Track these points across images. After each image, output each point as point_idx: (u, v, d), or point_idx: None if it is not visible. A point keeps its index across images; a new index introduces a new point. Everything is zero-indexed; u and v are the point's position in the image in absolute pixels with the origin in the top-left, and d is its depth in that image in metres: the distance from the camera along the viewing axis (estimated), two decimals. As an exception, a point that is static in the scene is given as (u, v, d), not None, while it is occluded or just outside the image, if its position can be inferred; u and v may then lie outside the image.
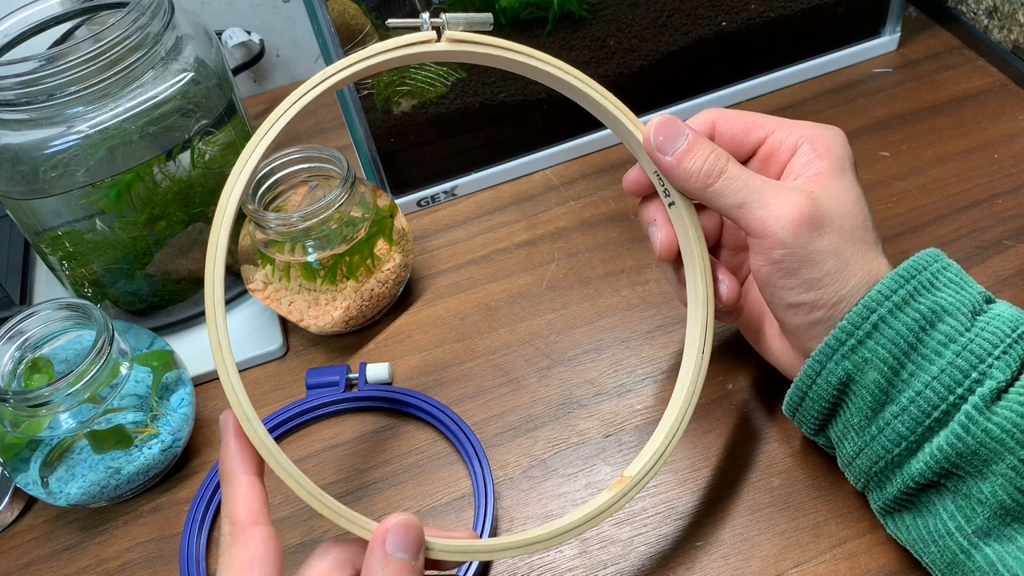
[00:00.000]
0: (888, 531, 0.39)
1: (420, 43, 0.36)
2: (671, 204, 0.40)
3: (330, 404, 0.49)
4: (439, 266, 0.57)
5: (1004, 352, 0.34)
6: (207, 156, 0.50)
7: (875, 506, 0.39)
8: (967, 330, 0.35)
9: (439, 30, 0.36)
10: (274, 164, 0.50)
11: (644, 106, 0.62)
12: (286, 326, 0.54)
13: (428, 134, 0.58)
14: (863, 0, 0.63)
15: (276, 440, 0.49)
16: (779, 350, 0.41)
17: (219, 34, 0.70)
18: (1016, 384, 0.34)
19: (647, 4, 0.58)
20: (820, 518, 0.41)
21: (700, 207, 0.41)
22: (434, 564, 0.34)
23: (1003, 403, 0.34)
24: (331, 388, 0.50)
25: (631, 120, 0.39)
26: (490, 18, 0.37)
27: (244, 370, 0.53)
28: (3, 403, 0.41)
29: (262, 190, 0.50)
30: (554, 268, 0.55)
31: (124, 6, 0.47)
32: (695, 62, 0.61)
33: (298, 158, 0.50)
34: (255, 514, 0.32)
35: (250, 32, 0.71)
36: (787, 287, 0.37)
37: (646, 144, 0.39)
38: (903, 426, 0.35)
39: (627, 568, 0.41)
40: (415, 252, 0.58)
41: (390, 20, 0.37)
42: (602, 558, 0.41)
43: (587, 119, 0.41)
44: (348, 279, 0.50)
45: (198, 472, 0.48)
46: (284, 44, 0.74)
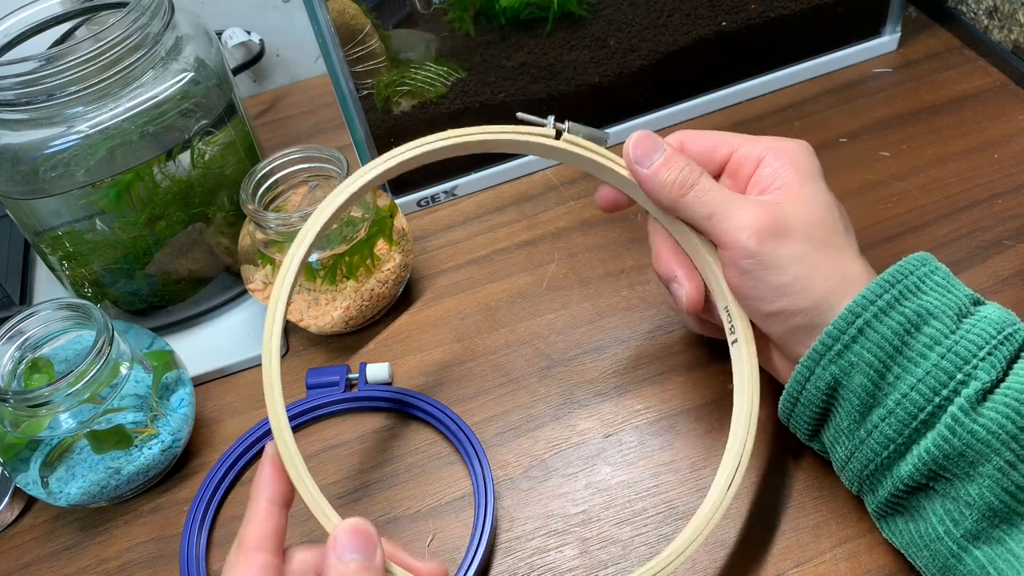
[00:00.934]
0: (883, 535, 0.39)
1: (541, 136, 0.41)
2: (734, 341, 0.41)
3: (330, 404, 0.49)
4: (439, 266, 0.57)
5: (989, 353, 0.34)
6: (207, 156, 0.50)
7: (870, 510, 0.39)
8: (952, 332, 0.35)
9: (559, 133, 0.41)
10: (274, 164, 0.50)
11: (644, 106, 0.62)
12: (286, 326, 0.54)
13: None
14: (863, 0, 0.63)
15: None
16: (772, 359, 0.42)
17: (219, 34, 0.70)
18: (1002, 385, 0.34)
19: (647, 4, 0.58)
20: (820, 518, 0.41)
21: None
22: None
23: (989, 404, 0.34)
24: (331, 388, 0.50)
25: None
26: (607, 136, 0.42)
27: (244, 370, 0.53)
28: (3, 403, 0.41)
29: (262, 190, 0.50)
30: (554, 268, 0.55)
31: (124, 6, 0.47)
32: (695, 62, 0.61)
33: (298, 158, 0.50)
34: (262, 540, 0.33)
35: (250, 32, 0.71)
36: (759, 297, 0.38)
37: (625, 157, 0.41)
38: (890, 429, 0.35)
39: (627, 568, 0.41)
40: (415, 252, 0.58)
41: (520, 114, 0.42)
42: (602, 558, 0.41)
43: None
44: (348, 279, 0.50)
45: (198, 472, 0.48)
46: (284, 44, 0.74)
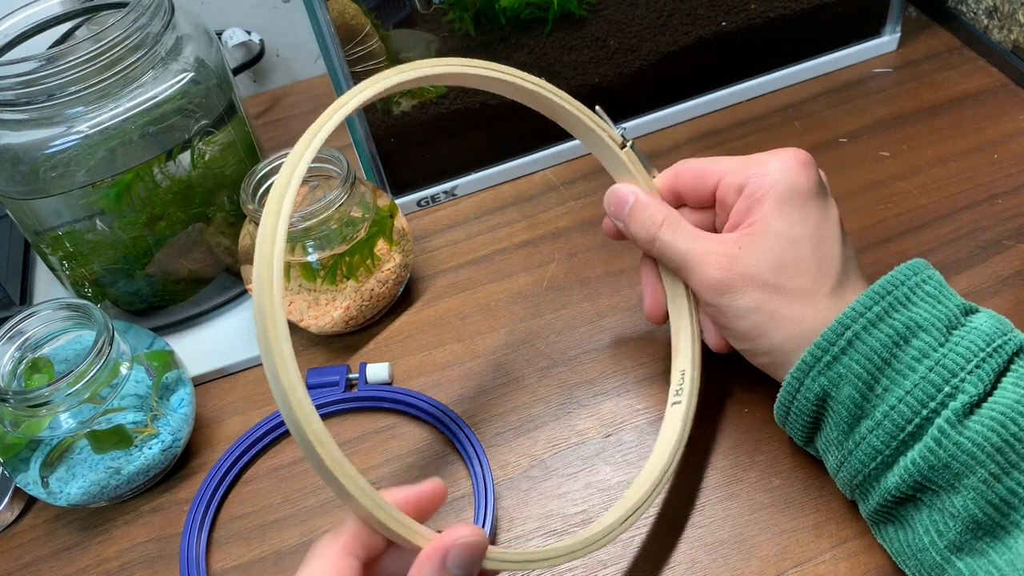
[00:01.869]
0: (877, 540, 0.39)
1: (610, 139, 0.44)
2: (676, 403, 0.43)
3: (330, 404, 0.49)
4: (439, 266, 0.57)
5: (977, 367, 0.34)
6: (207, 156, 0.50)
7: (863, 515, 0.39)
8: (941, 345, 0.35)
9: (625, 143, 0.44)
10: (274, 164, 0.50)
11: (644, 106, 0.63)
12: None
13: (428, 134, 0.58)
14: (863, 0, 0.63)
15: (276, 441, 0.49)
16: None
17: (219, 34, 0.70)
18: (989, 399, 0.34)
19: (647, 4, 0.58)
20: (820, 518, 0.41)
21: (693, 208, 0.44)
22: None
23: (975, 417, 0.34)
24: (331, 388, 0.50)
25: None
26: (655, 173, 0.45)
27: (244, 370, 0.53)
28: (3, 403, 0.41)
29: (262, 190, 0.50)
30: (554, 268, 0.55)
31: (124, 6, 0.47)
32: (695, 62, 0.61)
33: (298, 158, 0.50)
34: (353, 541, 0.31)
35: (250, 32, 0.71)
36: (729, 336, 0.41)
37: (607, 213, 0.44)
38: (878, 440, 0.36)
39: (627, 568, 0.41)
40: (415, 252, 0.58)
41: (598, 108, 0.44)
42: (602, 558, 0.41)
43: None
44: (348, 279, 0.50)
45: (198, 472, 0.48)
46: (284, 44, 0.74)
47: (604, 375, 0.49)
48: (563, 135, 0.62)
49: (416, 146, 0.58)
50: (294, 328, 0.54)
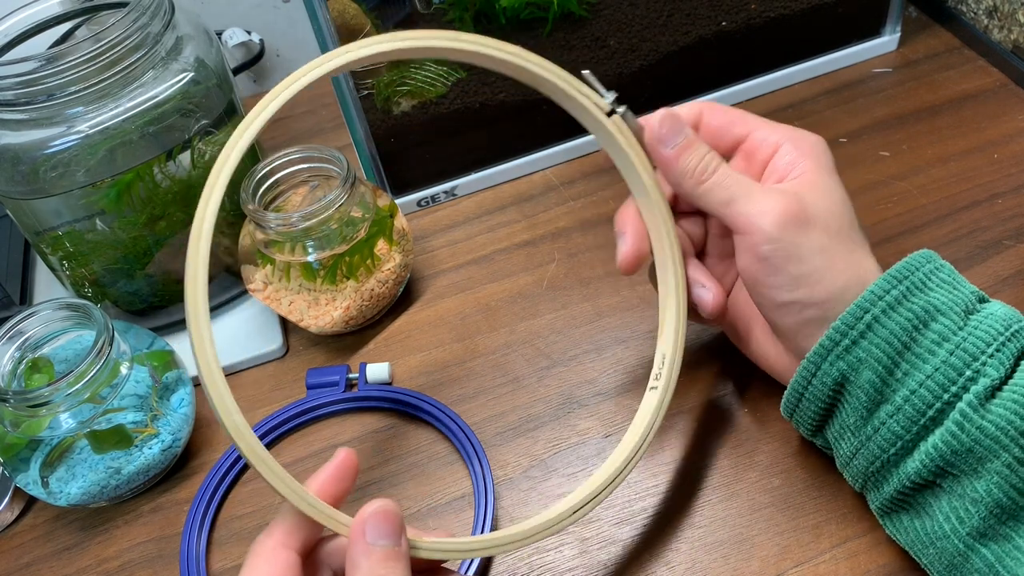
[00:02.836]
0: (887, 532, 0.39)
1: (595, 106, 0.40)
2: (653, 388, 0.41)
3: (330, 404, 0.49)
4: (439, 266, 0.57)
5: (998, 350, 0.34)
6: (207, 156, 0.50)
7: (873, 507, 0.39)
8: (960, 329, 0.35)
9: (614, 111, 0.40)
10: (274, 164, 0.50)
11: (644, 106, 0.62)
12: (286, 326, 0.54)
13: (428, 134, 0.58)
14: (863, 0, 0.63)
15: (276, 440, 0.49)
16: (772, 355, 0.42)
17: (219, 34, 0.70)
18: (1010, 382, 0.34)
19: (647, 4, 0.58)
20: (820, 518, 0.41)
21: (684, 213, 0.43)
22: (425, 565, 0.34)
23: (997, 401, 0.34)
24: (331, 388, 0.50)
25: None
26: (643, 128, 0.41)
27: (244, 370, 0.53)
28: (3, 403, 0.41)
29: (262, 190, 0.50)
30: (554, 268, 0.55)
31: (124, 6, 0.47)
32: (695, 62, 0.61)
33: (298, 158, 0.50)
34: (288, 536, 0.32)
35: (250, 32, 0.71)
36: (775, 285, 0.37)
37: (649, 134, 0.40)
38: (898, 425, 0.35)
39: (627, 568, 0.41)
40: (415, 252, 0.58)
41: (586, 72, 0.40)
42: (602, 558, 0.41)
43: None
44: (348, 279, 0.50)
45: (198, 472, 0.48)
46: (284, 44, 0.74)
47: (604, 375, 0.49)
48: (563, 135, 0.63)
49: (416, 146, 0.58)
50: (294, 328, 0.54)
